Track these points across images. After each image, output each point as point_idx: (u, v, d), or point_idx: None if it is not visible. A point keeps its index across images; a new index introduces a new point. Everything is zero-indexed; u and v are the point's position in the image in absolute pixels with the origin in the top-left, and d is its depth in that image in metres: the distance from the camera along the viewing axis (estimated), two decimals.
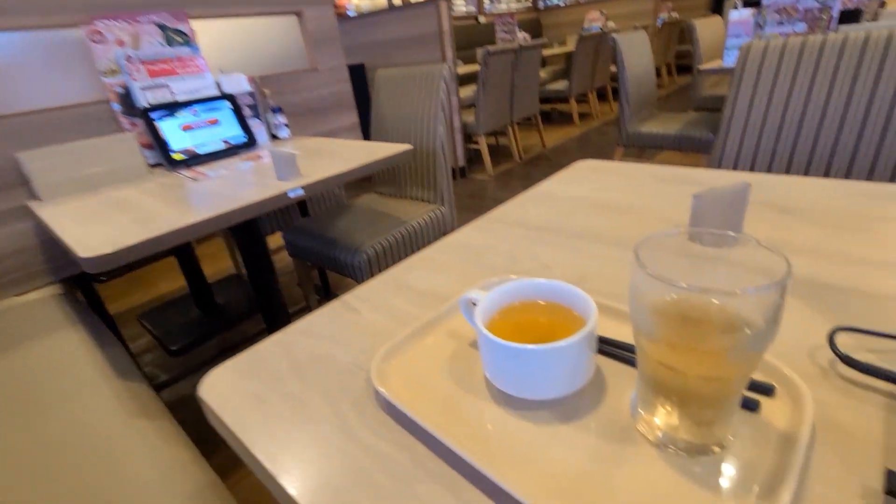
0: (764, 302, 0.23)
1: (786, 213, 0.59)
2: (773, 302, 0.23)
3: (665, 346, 0.25)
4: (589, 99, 4.70)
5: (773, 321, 0.23)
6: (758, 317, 0.24)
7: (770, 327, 0.23)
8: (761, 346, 0.24)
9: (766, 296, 0.23)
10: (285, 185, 1.03)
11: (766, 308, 0.23)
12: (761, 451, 0.27)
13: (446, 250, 0.60)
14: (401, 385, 0.36)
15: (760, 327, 0.24)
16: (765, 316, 0.23)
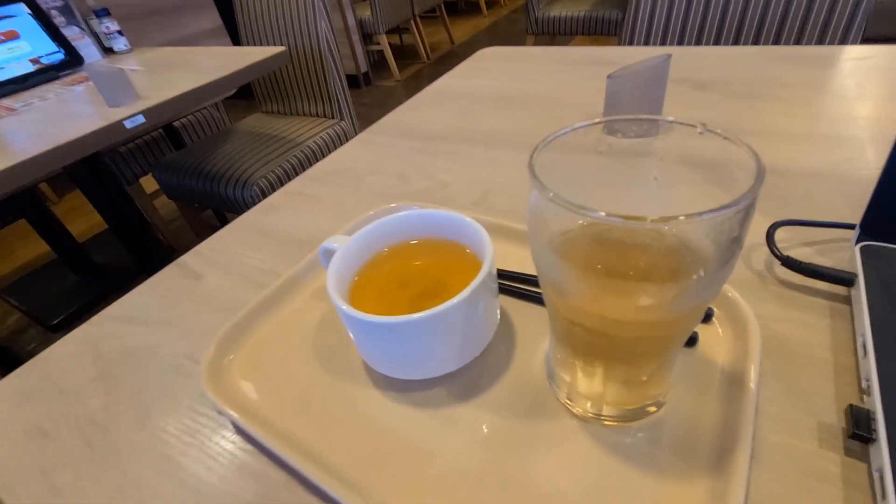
0: (722, 225, 0.15)
1: (702, 88, 0.53)
2: (736, 223, 0.15)
3: (581, 300, 0.17)
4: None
5: (731, 250, 0.15)
6: (709, 245, 0.16)
7: (727, 259, 0.16)
8: (715, 289, 0.17)
9: (726, 216, 0.14)
10: (119, 112, 0.80)
11: (724, 232, 0.15)
12: (705, 399, 0.21)
13: (320, 179, 0.47)
14: (246, 384, 0.26)
15: (713, 261, 0.16)
16: (720, 244, 0.15)
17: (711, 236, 0.16)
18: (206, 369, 0.26)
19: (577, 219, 0.15)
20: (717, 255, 0.16)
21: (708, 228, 0.15)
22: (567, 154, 0.20)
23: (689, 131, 0.18)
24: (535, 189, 0.16)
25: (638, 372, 0.19)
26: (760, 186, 0.14)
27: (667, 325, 0.17)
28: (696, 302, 0.16)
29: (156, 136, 1.60)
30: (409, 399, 0.24)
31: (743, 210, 0.14)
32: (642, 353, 0.18)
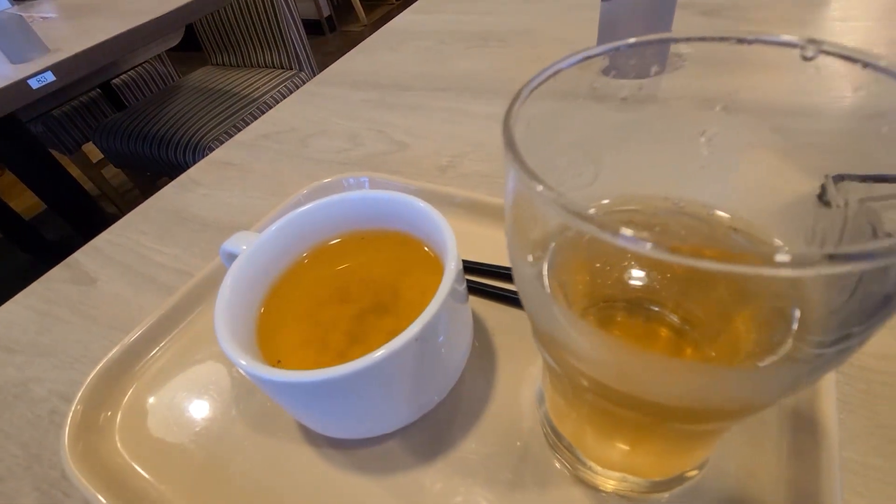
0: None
1: (714, 14, 0.44)
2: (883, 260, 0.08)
3: (593, 368, 0.10)
4: None
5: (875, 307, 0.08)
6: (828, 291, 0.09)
7: (876, 312, 0.09)
8: (841, 360, 0.10)
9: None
10: (23, 68, 0.67)
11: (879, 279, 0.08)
12: (761, 449, 0.15)
13: (253, 144, 0.38)
14: (132, 449, 0.19)
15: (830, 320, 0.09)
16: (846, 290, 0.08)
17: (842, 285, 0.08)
18: (70, 432, 0.18)
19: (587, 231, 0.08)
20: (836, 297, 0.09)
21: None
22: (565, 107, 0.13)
23: (784, 54, 0.11)
24: (515, 172, 0.08)
25: (681, 448, 0.13)
26: None
27: (744, 411, 0.10)
28: (783, 387, 0.09)
29: (94, 97, 1.44)
30: (358, 461, 0.17)
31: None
32: (694, 435, 0.11)
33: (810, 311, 0.09)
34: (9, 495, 0.19)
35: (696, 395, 0.09)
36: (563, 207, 0.07)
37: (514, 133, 0.09)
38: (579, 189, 0.13)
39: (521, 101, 0.09)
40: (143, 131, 1.15)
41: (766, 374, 0.08)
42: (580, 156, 0.13)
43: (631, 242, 0.07)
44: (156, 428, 0.19)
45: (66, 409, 0.22)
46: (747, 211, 0.14)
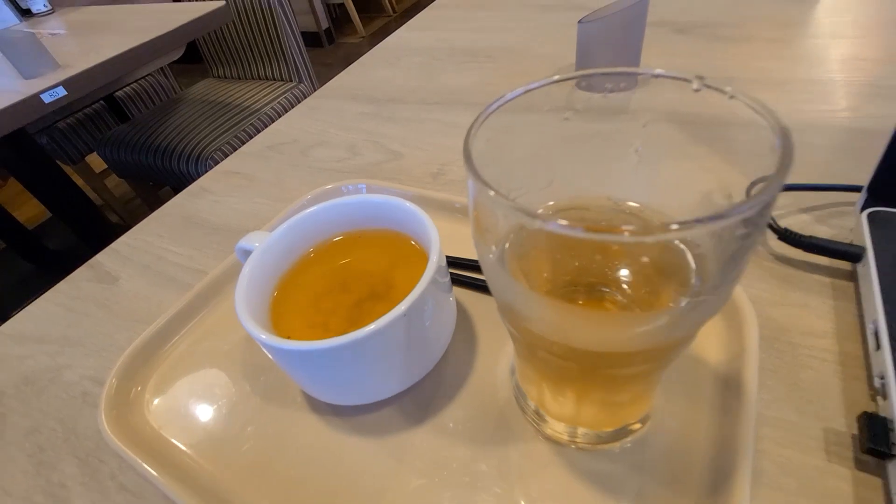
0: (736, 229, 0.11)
1: (685, 32, 0.47)
2: (753, 223, 0.11)
3: (541, 327, 0.13)
4: None
5: (744, 253, 0.11)
6: (715, 248, 0.12)
7: (739, 265, 0.12)
8: (720, 304, 0.13)
9: (738, 220, 0.10)
10: (35, 84, 0.70)
11: (737, 233, 0.11)
12: (696, 408, 0.18)
13: (259, 154, 0.42)
14: (159, 417, 0.22)
15: (720, 269, 0.12)
16: (730, 246, 0.11)
17: (720, 238, 0.12)
18: (106, 404, 0.21)
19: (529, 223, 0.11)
20: (726, 260, 0.12)
21: (714, 232, 0.11)
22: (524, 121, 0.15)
23: (681, 87, 0.14)
24: (472, 181, 0.11)
25: (618, 397, 0.16)
26: (788, 170, 0.10)
27: (654, 354, 0.13)
28: (694, 325, 0.12)
29: (98, 109, 1.47)
30: (356, 425, 0.20)
31: (761, 207, 0.10)
32: (623, 381, 0.14)
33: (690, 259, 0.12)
34: (51, 463, 0.22)
35: (615, 340, 0.12)
36: (510, 207, 0.10)
37: (472, 151, 0.12)
38: (535, 192, 0.16)
39: (477, 126, 0.12)
40: (147, 142, 1.18)
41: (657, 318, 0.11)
42: (537, 165, 0.16)
43: (553, 226, 0.10)
44: (179, 401, 0.22)
45: (96, 390, 0.24)
46: (673, 207, 0.17)
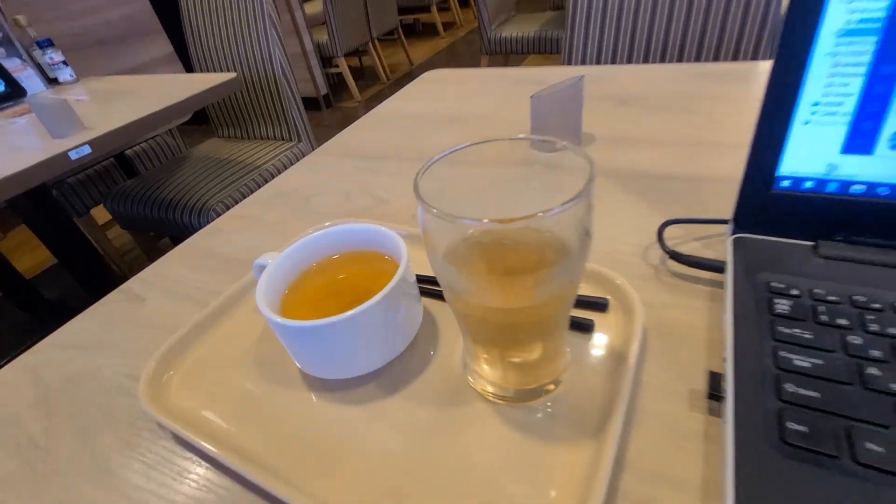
0: (569, 217, 0.18)
1: (625, 104, 0.58)
2: (576, 217, 0.18)
3: (468, 295, 0.20)
4: (451, 6, 4.45)
5: (582, 240, 0.19)
6: (565, 238, 0.19)
7: (580, 249, 0.19)
8: (573, 276, 0.20)
9: (564, 216, 0.17)
10: (63, 143, 0.79)
11: (573, 226, 0.18)
12: (596, 376, 0.24)
13: (266, 201, 0.49)
14: (186, 397, 0.27)
15: (574, 248, 0.19)
16: (573, 235, 0.18)
17: (563, 230, 0.19)
18: (145, 385, 0.27)
19: (454, 227, 0.18)
20: (572, 245, 0.19)
21: (556, 224, 0.18)
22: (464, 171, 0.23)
23: (549, 145, 0.21)
24: (421, 207, 0.19)
25: (528, 354, 0.22)
26: (592, 185, 0.17)
27: (539, 310, 0.20)
28: (556, 289, 0.19)
29: (107, 166, 1.57)
30: (341, 398, 0.26)
31: (573, 206, 0.17)
32: (526, 335, 0.21)
33: (551, 247, 0.19)
34: (94, 437, 0.27)
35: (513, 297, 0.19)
36: (440, 215, 0.17)
37: (419, 187, 0.19)
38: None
39: (422, 172, 0.20)
40: (152, 196, 1.27)
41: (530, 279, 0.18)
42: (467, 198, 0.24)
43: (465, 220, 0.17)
44: (201, 383, 0.28)
45: (129, 384, 0.30)
46: None
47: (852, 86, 0.26)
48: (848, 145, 0.27)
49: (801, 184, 0.28)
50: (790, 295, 0.25)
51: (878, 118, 0.26)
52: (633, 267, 0.32)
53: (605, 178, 0.43)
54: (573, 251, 0.19)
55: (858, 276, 0.26)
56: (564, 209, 0.16)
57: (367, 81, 3.39)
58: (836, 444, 0.19)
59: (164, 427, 0.26)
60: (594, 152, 0.48)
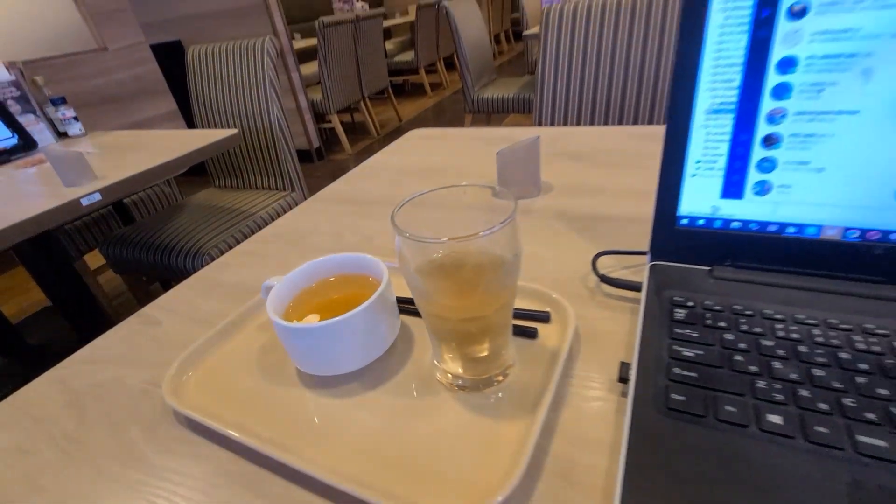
0: (504, 244, 0.25)
1: (578, 159, 0.67)
2: (503, 240, 0.25)
3: (429, 301, 0.26)
4: (438, 69, 4.79)
5: (513, 260, 0.26)
6: (503, 254, 0.26)
7: (512, 266, 0.26)
8: (512, 280, 0.27)
9: (498, 239, 0.25)
10: (75, 190, 0.86)
11: (504, 246, 0.25)
12: (537, 370, 0.31)
13: (266, 240, 0.56)
14: (201, 393, 0.33)
15: (507, 264, 0.26)
16: (511, 251, 0.26)
17: (498, 250, 0.26)
18: (168, 384, 0.32)
19: (419, 246, 0.25)
20: (506, 261, 0.26)
21: (489, 244, 0.25)
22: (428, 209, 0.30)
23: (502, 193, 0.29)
24: (396, 233, 0.26)
25: (479, 350, 0.29)
26: (512, 218, 0.25)
27: (484, 310, 0.26)
28: (496, 295, 0.26)
29: (104, 213, 1.63)
30: (331, 393, 0.32)
31: (499, 231, 0.24)
32: (478, 332, 0.28)
33: (492, 265, 0.26)
34: (122, 430, 0.32)
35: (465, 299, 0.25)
36: (406, 237, 0.24)
37: (395, 219, 0.26)
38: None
39: (397, 209, 0.27)
40: (148, 241, 1.32)
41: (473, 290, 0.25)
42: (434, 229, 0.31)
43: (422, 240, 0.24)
44: (215, 383, 0.33)
45: (151, 389, 0.35)
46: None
47: (721, 149, 0.34)
48: (724, 192, 0.35)
49: (696, 221, 0.37)
50: (686, 306, 0.33)
51: (742, 172, 0.34)
52: (573, 288, 0.39)
53: (558, 219, 0.51)
54: (506, 266, 0.26)
55: (740, 292, 0.33)
56: (492, 232, 0.24)
57: (358, 136, 3.58)
58: (704, 407, 0.25)
59: (182, 418, 0.32)
60: (550, 199, 0.57)
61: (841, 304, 0.31)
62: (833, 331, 0.29)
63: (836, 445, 0.23)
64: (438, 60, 4.66)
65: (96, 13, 1.46)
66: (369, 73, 3.31)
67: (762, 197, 0.34)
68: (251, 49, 1.42)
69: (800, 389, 0.25)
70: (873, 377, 0.25)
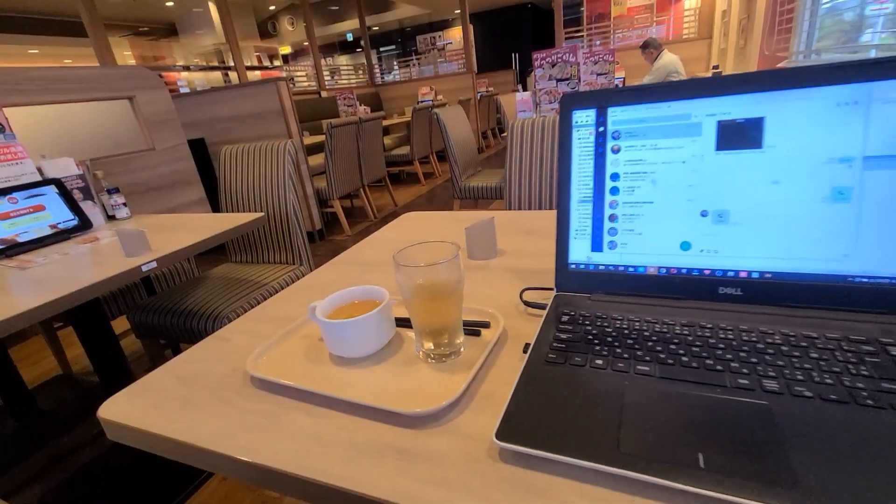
0: (451, 271, 0.47)
1: (529, 234, 0.92)
2: (450, 270, 0.47)
3: (419, 307, 0.48)
4: (431, 160, 5.31)
5: (460, 282, 0.48)
6: (452, 279, 0.48)
7: (458, 286, 0.48)
8: (460, 295, 0.48)
9: (447, 267, 0.46)
10: (136, 259, 1.08)
11: (453, 272, 0.47)
12: (478, 352, 0.51)
13: (298, 289, 0.77)
14: (269, 369, 0.52)
15: (455, 284, 0.48)
16: (456, 277, 0.48)
17: (449, 276, 0.48)
18: (250, 362, 0.52)
19: (408, 271, 0.47)
20: (456, 283, 0.48)
21: (446, 271, 0.47)
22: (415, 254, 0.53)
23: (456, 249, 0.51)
24: (396, 266, 0.48)
25: (442, 337, 0.49)
26: (455, 257, 0.47)
27: (443, 312, 0.48)
28: (450, 304, 0.48)
29: (130, 286, 1.83)
30: (351, 366, 0.51)
31: (445, 266, 0.46)
32: (441, 326, 0.48)
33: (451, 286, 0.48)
34: (217, 391, 0.50)
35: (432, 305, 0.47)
36: (402, 265, 0.46)
37: (396, 258, 0.49)
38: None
39: (397, 254, 0.50)
40: (172, 308, 1.51)
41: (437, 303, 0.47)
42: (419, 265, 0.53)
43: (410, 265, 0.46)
44: (277, 364, 0.53)
45: (233, 374, 0.54)
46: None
47: (587, 222, 0.58)
48: (592, 248, 0.58)
49: (579, 266, 0.59)
50: (569, 314, 0.54)
51: (600, 236, 0.57)
52: (508, 309, 0.60)
53: (506, 272, 0.73)
54: (456, 285, 0.48)
55: (604, 307, 0.55)
56: (440, 264, 0.46)
57: (357, 219, 3.91)
58: (564, 359, 0.46)
59: (258, 382, 0.50)
60: (503, 259, 0.79)
61: (658, 311, 0.52)
62: (647, 324, 0.50)
63: (624, 370, 0.43)
64: (431, 153, 5.20)
65: (151, 121, 1.79)
66: (369, 165, 3.73)
67: (612, 250, 0.57)
68: (274, 149, 1.73)
69: (615, 349, 0.46)
70: (656, 342, 0.46)
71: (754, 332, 0.45)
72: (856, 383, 0.37)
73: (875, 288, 0.46)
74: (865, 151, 0.45)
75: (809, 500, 0.29)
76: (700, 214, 0.52)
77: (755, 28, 3.26)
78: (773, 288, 0.49)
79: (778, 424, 0.35)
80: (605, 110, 0.56)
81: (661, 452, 0.34)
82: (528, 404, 0.41)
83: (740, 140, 0.49)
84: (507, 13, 10.60)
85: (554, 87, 2.61)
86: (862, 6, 1.96)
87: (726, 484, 0.31)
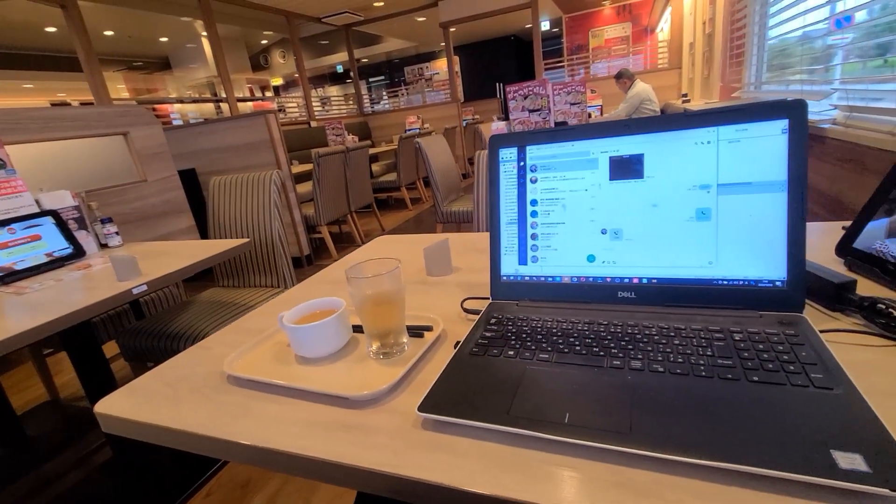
0: (391, 281, 0.58)
1: (483, 252, 1.02)
2: (395, 279, 0.57)
3: (366, 312, 0.58)
4: (418, 186, 5.47)
5: (399, 289, 0.58)
6: (395, 289, 0.58)
7: (400, 293, 0.58)
8: (402, 301, 0.58)
9: (388, 277, 0.57)
10: (127, 283, 1.17)
11: (395, 283, 0.58)
12: (418, 349, 0.61)
13: (274, 305, 0.87)
14: (243, 368, 0.62)
15: (398, 293, 0.58)
16: (397, 286, 0.58)
17: (391, 286, 0.58)
18: (227, 363, 0.61)
19: (359, 282, 0.57)
20: (398, 292, 0.58)
21: (389, 282, 0.58)
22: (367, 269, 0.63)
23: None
24: (349, 280, 0.58)
25: (388, 338, 0.59)
26: (396, 269, 0.57)
27: (387, 316, 0.58)
28: (393, 308, 0.58)
29: (119, 311, 1.90)
30: (313, 364, 0.61)
31: (387, 276, 0.57)
32: (385, 328, 0.58)
33: (395, 295, 0.58)
34: (199, 389, 0.59)
35: (378, 310, 0.57)
36: (355, 277, 0.57)
37: (348, 273, 0.59)
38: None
39: (349, 269, 0.60)
40: (160, 331, 1.58)
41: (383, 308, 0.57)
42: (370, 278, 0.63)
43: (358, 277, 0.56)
44: (250, 363, 0.62)
45: (214, 375, 0.63)
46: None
47: (514, 240, 0.69)
48: (519, 262, 0.69)
49: (509, 277, 0.70)
50: (496, 317, 0.64)
51: (525, 252, 0.68)
52: (451, 316, 0.70)
53: (456, 286, 0.84)
54: (396, 293, 0.58)
55: (527, 311, 0.65)
56: (383, 275, 0.56)
57: (345, 244, 4.01)
58: (485, 351, 0.56)
59: (233, 380, 0.60)
60: (456, 275, 0.90)
61: (568, 313, 0.63)
62: (556, 323, 0.60)
63: (529, 358, 0.53)
64: (418, 179, 5.36)
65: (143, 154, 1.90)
66: (356, 192, 3.86)
67: (535, 263, 0.68)
68: (261, 180, 1.84)
69: (526, 342, 0.56)
70: (560, 336, 0.57)
71: (637, 326, 0.56)
72: (698, 361, 0.48)
73: (732, 288, 0.57)
74: (719, 180, 0.57)
75: (637, 441, 0.39)
76: (601, 232, 0.63)
77: (715, 60, 3.50)
78: (658, 291, 0.60)
79: (632, 392, 0.45)
80: (524, 148, 0.68)
81: (539, 413, 0.44)
82: (447, 385, 0.50)
83: (627, 171, 0.61)
84: (492, 45, 11.08)
85: (527, 118, 2.78)
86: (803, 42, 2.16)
87: (580, 433, 0.41)
